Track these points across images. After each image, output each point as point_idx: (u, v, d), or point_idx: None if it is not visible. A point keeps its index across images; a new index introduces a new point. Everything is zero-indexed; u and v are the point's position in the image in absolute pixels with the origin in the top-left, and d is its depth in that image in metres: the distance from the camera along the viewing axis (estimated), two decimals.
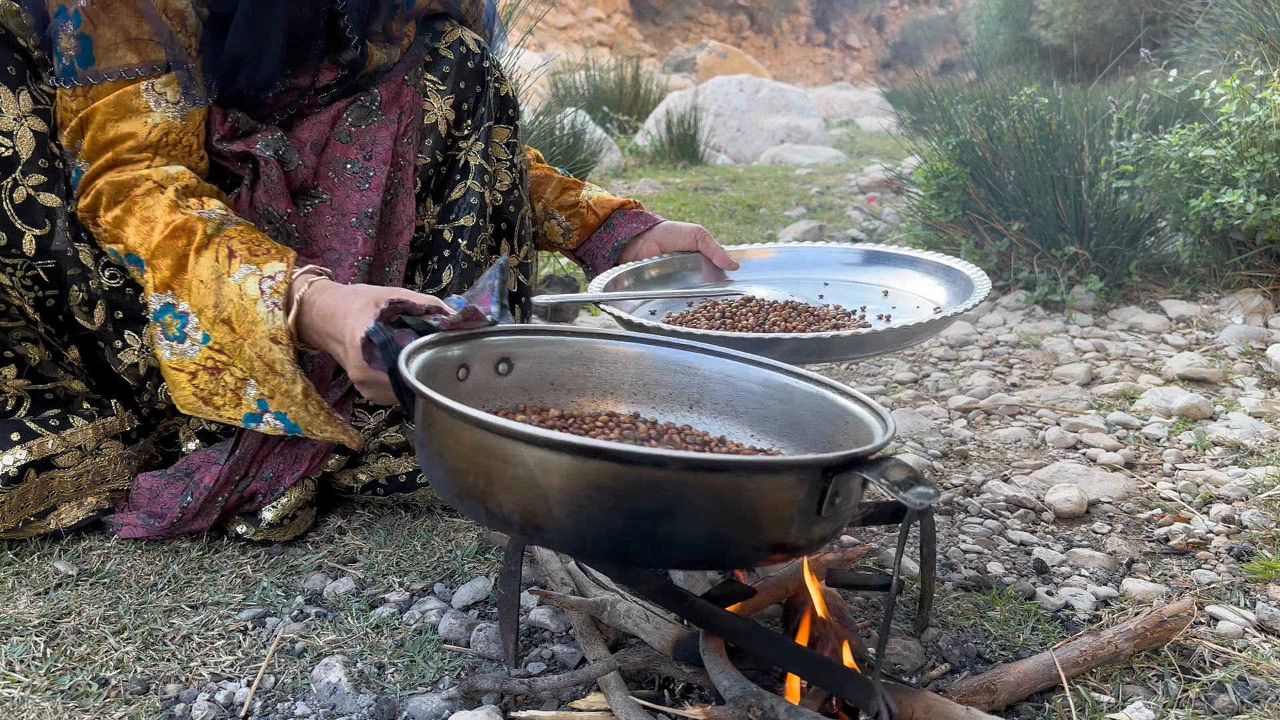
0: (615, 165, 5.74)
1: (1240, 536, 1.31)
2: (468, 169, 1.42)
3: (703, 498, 0.76)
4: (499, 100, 1.46)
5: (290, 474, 1.29)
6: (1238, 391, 1.89)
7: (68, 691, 0.97)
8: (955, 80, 5.04)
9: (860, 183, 5.05)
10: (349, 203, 1.35)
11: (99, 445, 1.29)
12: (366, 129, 1.36)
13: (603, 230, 1.61)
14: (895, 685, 0.89)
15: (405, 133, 1.39)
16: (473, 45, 1.44)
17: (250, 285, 1.12)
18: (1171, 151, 2.39)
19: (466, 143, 1.43)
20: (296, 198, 1.34)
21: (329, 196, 1.35)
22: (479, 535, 1.31)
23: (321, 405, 1.17)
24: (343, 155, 1.36)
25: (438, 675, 1.01)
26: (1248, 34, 2.93)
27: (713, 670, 0.87)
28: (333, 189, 1.36)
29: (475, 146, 1.42)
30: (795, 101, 7.70)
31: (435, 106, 1.41)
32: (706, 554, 0.81)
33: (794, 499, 0.79)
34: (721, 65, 13.13)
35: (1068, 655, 0.96)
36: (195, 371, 1.17)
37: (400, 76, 1.40)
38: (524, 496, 0.78)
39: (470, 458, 0.81)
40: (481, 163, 1.43)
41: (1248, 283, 2.42)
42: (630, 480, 0.75)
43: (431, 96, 1.41)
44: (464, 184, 1.42)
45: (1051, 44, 10.68)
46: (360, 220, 1.35)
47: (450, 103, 1.41)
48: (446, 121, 1.41)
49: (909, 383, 2.05)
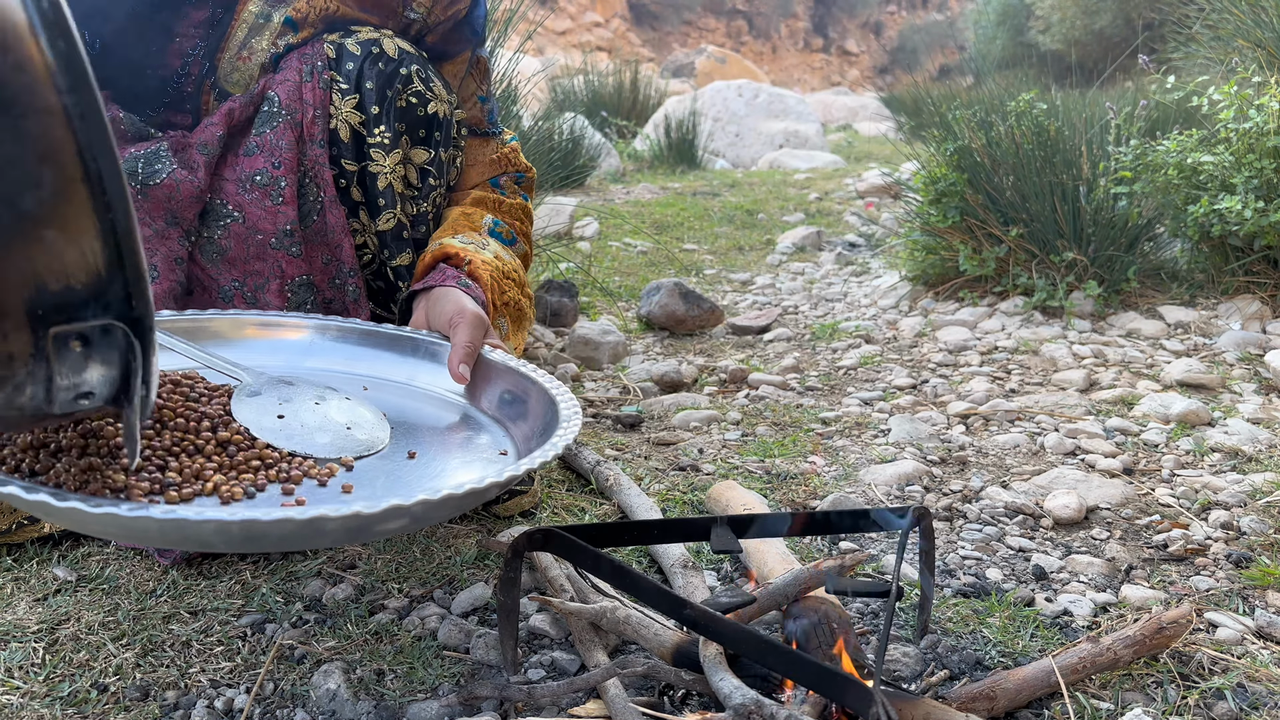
0: (614, 170, 5.75)
1: (1239, 543, 1.31)
2: (391, 194, 1.33)
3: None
4: (420, 118, 1.34)
5: None
6: (1236, 397, 1.89)
7: (66, 698, 0.97)
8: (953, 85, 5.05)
9: (858, 188, 5.05)
10: (263, 221, 1.26)
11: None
12: (272, 133, 1.27)
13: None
14: (895, 692, 0.89)
15: (312, 135, 1.28)
16: (389, 49, 1.33)
17: None
18: (1169, 157, 2.40)
19: (385, 158, 1.32)
20: (203, 218, 1.24)
21: (240, 215, 1.27)
22: (479, 542, 1.31)
23: None
24: (250, 168, 1.27)
25: (437, 682, 1.01)
26: (1245, 40, 2.94)
27: (713, 677, 0.87)
28: (243, 206, 1.27)
29: (395, 168, 1.32)
30: (793, 107, 7.71)
31: (338, 108, 1.30)
32: None
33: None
34: (720, 70, 13.16)
35: (1067, 662, 0.97)
36: None
37: (298, 70, 1.29)
38: None
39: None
40: (404, 190, 1.34)
41: (1246, 289, 2.43)
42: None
43: (334, 96, 1.30)
44: (392, 213, 1.34)
45: (1049, 49, 10.71)
46: (280, 240, 1.26)
47: (353, 103, 1.30)
48: (348, 126, 1.30)
49: (907, 388, 2.05)
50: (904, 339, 2.42)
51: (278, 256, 1.24)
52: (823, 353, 2.33)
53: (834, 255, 3.51)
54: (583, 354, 2.22)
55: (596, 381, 2.09)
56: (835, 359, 2.28)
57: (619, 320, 2.60)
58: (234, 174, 1.27)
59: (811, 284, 3.13)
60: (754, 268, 3.39)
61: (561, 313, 2.41)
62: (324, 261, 1.28)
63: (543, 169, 4.42)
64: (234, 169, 1.27)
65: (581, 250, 3.49)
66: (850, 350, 2.33)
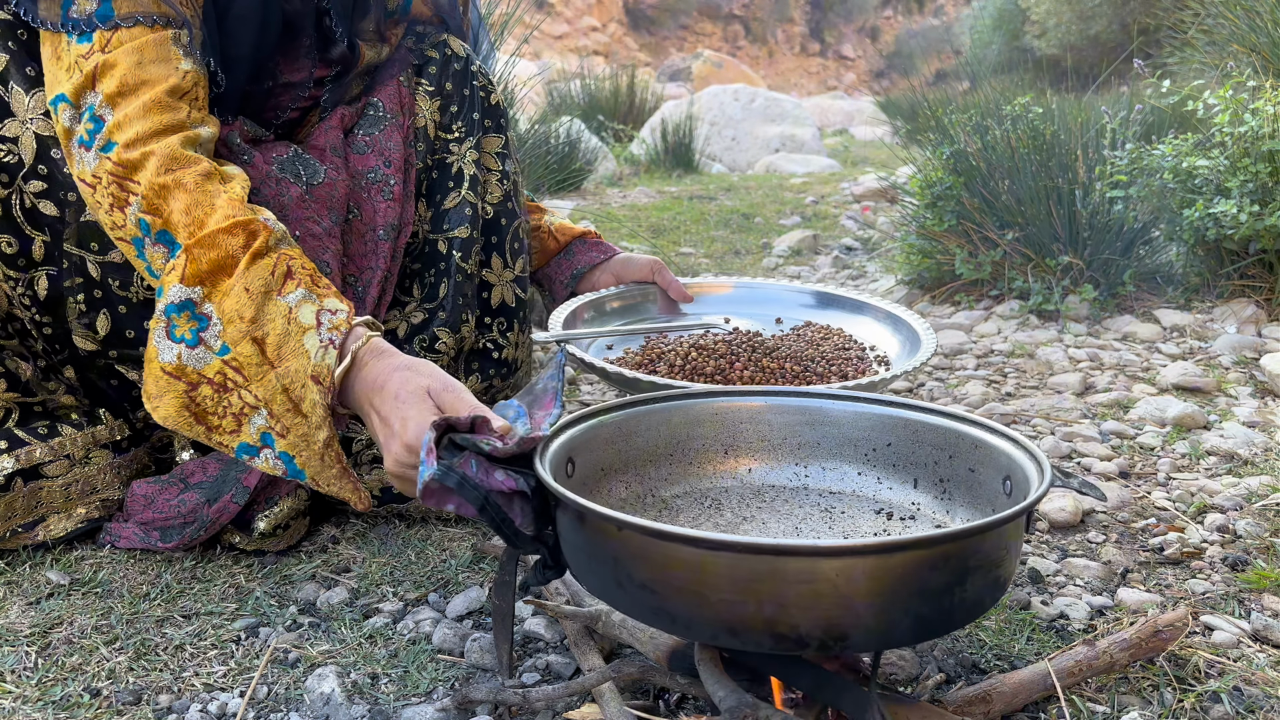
0: (610, 174, 5.75)
1: (1235, 546, 1.31)
2: (461, 177, 1.42)
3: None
4: (488, 108, 1.45)
5: (284, 484, 1.28)
6: (1232, 401, 1.89)
7: (59, 702, 0.97)
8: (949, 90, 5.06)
9: (855, 192, 5.06)
10: (376, 215, 1.34)
11: (88, 454, 1.28)
12: (381, 134, 1.36)
13: (562, 257, 1.64)
14: (891, 696, 0.89)
15: (409, 136, 1.39)
16: (458, 49, 1.45)
17: (305, 313, 1.03)
18: (1165, 161, 2.40)
19: (459, 148, 1.42)
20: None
21: (358, 211, 1.34)
22: (474, 545, 1.31)
23: (340, 459, 1.05)
24: (363, 166, 1.36)
25: (432, 686, 1.00)
26: (1240, 45, 2.95)
27: (708, 681, 0.86)
28: (360, 203, 1.34)
29: (468, 155, 1.42)
30: (790, 111, 7.72)
31: (424, 109, 1.41)
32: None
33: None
34: (716, 74, 13.16)
35: (1063, 665, 0.96)
36: (198, 383, 1.04)
37: (396, 79, 1.40)
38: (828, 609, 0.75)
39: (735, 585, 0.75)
40: (475, 172, 1.42)
41: (1241, 292, 2.43)
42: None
43: (420, 99, 1.41)
44: (457, 193, 1.41)
45: (1045, 54, 10.74)
46: (387, 233, 1.34)
47: (436, 105, 1.41)
48: (434, 123, 1.41)
49: (903, 391, 2.05)
50: None
51: (383, 247, 1.33)
52: None
53: (830, 259, 3.52)
54: None
55: (594, 385, 2.08)
56: None
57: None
58: (350, 169, 1.35)
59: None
60: (750, 271, 3.39)
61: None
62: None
63: (539, 172, 4.42)
64: (349, 164, 1.36)
65: None
66: None
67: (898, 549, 0.74)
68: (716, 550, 0.74)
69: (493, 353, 1.45)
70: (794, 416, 1.10)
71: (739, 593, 0.75)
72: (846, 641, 0.76)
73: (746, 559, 0.74)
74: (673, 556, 0.77)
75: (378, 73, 1.42)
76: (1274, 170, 2.25)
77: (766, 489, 1.09)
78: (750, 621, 0.76)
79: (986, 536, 0.78)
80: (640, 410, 1.07)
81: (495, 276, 1.45)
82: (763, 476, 1.10)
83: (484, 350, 1.45)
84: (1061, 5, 10.88)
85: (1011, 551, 0.84)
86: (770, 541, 0.75)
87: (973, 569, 0.79)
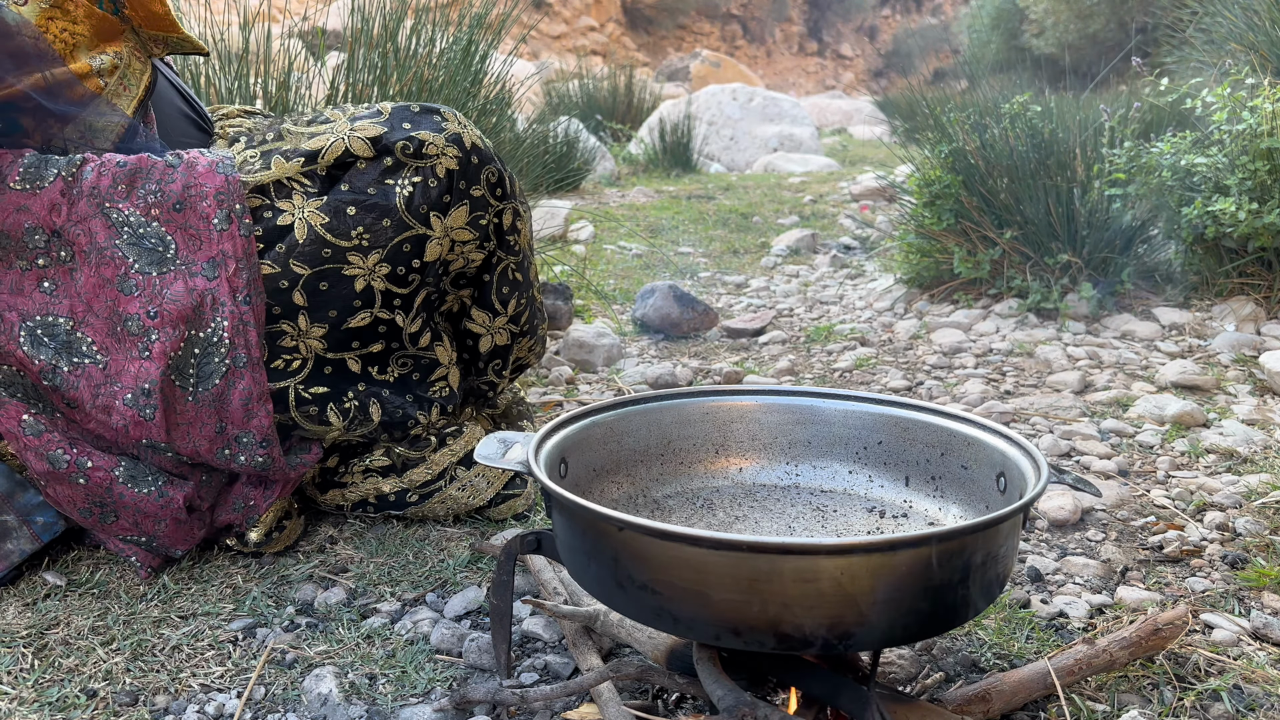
0: (609, 173, 5.75)
1: (1234, 544, 1.31)
2: None
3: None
4: None
5: (263, 501, 1.27)
6: (1230, 399, 1.89)
7: (55, 703, 0.96)
8: (947, 89, 5.05)
9: (853, 191, 5.05)
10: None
11: None
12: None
13: None
14: (890, 695, 0.89)
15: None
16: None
17: None
18: (1163, 159, 2.40)
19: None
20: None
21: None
22: (471, 545, 1.30)
23: None
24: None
25: (429, 686, 1.00)
26: (1238, 43, 2.95)
27: (706, 680, 0.86)
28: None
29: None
30: (788, 110, 7.71)
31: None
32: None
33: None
34: (714, 74, 13.16)
35: (1063, 664, 0.96)
36: None
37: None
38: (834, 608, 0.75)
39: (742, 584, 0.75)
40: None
41: (1240, 290, 2.43)
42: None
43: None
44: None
45: (1043, 53, 10.74)
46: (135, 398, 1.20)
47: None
48: None
49: (903, 390, 2.04)
50: (899, 341, 2.42)
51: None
52: (818, 355, 2.33)
53: (829, 258, 3.51)
54: (577, 357, 2.22)
55: (591, 384, 2.08)
56: (830, 361, 2.27)
57: (614, 323, 2.59)
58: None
59: (806, 286, 3.13)
60: (749, 270, 3.39)
61: (556, 316, 2.41)
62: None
63: (538, 172, 4.41)
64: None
65: (576, 253, 3.49)
66: (845, 353, 2.33)
67: (902, 546, 0.74)
68: (720, 550, 0.74)
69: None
70: (784, 415, 1.10)
71: (742, 592, 0.75)
72: (850, 640, 0.76)
73: (750, 558, 0.74)
74: (675, 557, 0.76)
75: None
76: (1272, 168, 2.25)
77: (758, 488, 1.09)
78: (754, 621, 0.76)
79: (990, 532, 0.78)
80: (632, 410, 1.07)
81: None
82: (754, 476, 1.10)
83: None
84: (1059, 4, 10.89)
85: (1011, 547, 0.84)
86: (775, 540, 0.74)
87: (976, 565, 0.78)
